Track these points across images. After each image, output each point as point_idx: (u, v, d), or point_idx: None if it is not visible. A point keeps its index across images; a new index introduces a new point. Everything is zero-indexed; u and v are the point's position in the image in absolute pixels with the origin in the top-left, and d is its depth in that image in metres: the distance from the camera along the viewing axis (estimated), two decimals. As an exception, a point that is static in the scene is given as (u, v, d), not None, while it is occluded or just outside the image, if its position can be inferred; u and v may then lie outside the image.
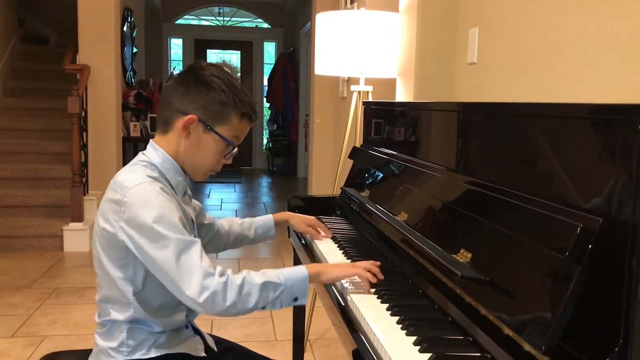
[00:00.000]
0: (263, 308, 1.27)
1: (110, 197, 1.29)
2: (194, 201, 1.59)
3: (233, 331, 2.95)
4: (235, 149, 1.40)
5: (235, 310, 1.23)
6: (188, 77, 1.34)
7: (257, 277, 1.26)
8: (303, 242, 1.87)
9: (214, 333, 1.62)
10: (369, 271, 1.36)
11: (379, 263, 1.40)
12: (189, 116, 1.32)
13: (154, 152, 1.36)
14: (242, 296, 1.23)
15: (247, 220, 1.76)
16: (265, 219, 1.76)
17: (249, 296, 1.23)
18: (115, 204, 1.26)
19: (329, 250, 1.71)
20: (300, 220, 1.81)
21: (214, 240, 1.69)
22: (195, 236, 1.43)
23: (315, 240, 1.80)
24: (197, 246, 1.24)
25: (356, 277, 1.36)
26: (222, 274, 1.23)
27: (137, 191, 1.25)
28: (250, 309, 1.25)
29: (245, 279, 1.24)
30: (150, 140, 1.39)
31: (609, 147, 0.90)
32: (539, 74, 1.77)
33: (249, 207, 6.52)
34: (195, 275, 1.20)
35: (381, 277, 1.37)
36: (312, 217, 1.84)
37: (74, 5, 4.71)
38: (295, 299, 1.30)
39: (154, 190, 1.26)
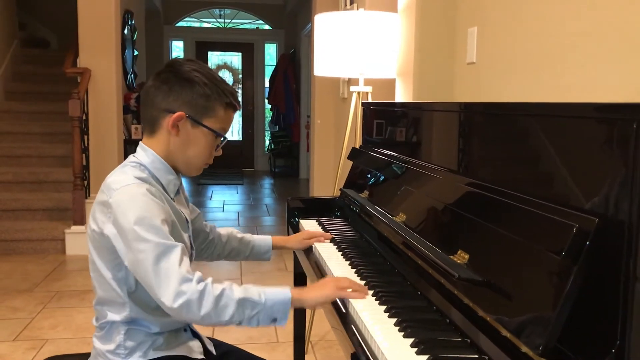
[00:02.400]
0: (239, 324, 1.23)
1: (99, 198, 1.30)
2: (192, 206, 1.58)
3: (235, 334, 2.94)
4: (225, 140, 1.40)
5: (209, 321, 1.20)
6: (169, 75, 1.34)
7: (237, 291, 1.23)
8: (303, 244, 1.86)
9: (215, 336, 1.62)
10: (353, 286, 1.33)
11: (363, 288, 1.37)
12: (177, 113, 1.32)
13: (143, 153, 1.37)
14: (218, 308, 1.20)
15: (247, 236, 1.74)
16: (264, 240, 1.74)
17: (225, 309, 1.20)
18: (103, 205, 1.28)
19: (328, 252, 1.71)
20: (296, 241, 1.80)
21: (207, 248, 1.68)
22: (189, 236, 1.44)
23: (314, 242, 1.80)
24: (177, 251, 1.22)
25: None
26: (199, 281, 1.20)
27: (123, 193, 1.25)
28: (225, 322, 1.22)
29: (224, 292, 1.21)
30: (140, 142, 1.40)
31: (606, 146, 0.89)
32: (538, 73, 1.76)
33: (251, 208, 6.52)
34: (172, 281, 1.18)
35: (365, 292, 1.34)
36: (306, 231, 1.85)
37: (75, 9, 4.71)
38: (274, 320, 1.26)
39: (139, 192, 1.26)
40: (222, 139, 1.39)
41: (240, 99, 1.43)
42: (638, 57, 1.33)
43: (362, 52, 2.52)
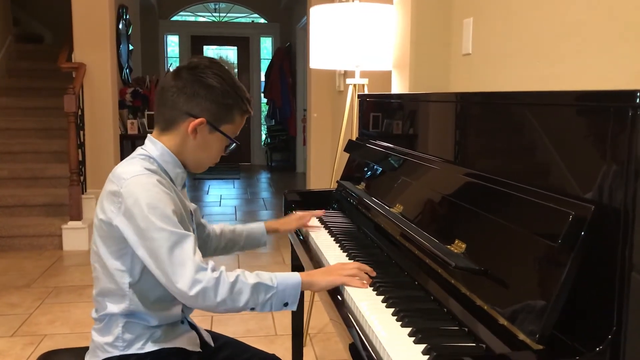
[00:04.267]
0: (252, 309, 1.28)
1: (108, 188, 1.30)
2: (190, 203, 1.58)
3: (233, 327, 2.95)
4: (237, 144, 1.43)
5: (224, 307, 1.24)
6: (193, 79, 1.34)
7: (251, 277, 1.27)
8: (301, 237, 1.86)
9: (213, 329, 1.63)
10: (359, 272, 1.36)
11: (368, 268, 1.39)
12: (199, 119, 1.34)
13: (152, 146, 1.38)
14: (234, 294, 1.24)
15: (239, 226, 1.75)
16: (257, 227, 1.75)
17: (240, 295, 1.24)
18: (113, 195, 1.28)
19: (326, 244, 1.71)
20: (287, 223, 1.81)
21: (204, 244, 1.69)
22: (193, 229, 1.45)
23: (311, 234, 1.80)
24: (191, 240, 1.25)
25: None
26: (214, 269, 1.24)
27: (134, 183, 1.26)
28: (240, 308, 1.26)
29: (239, 278, 1.25)
30: (149, 135, 1.41)
31: (600, 134, 0.89)
32: (533, 63, 1.76)
33: (249, 202, 6.51)
34: (188, 269, 1.21)
35: (374, 274, 1.36)
36: (296, 213, 1.85)
37: (69, 4, 4.69)
38: (286, 304, 1.31)
39: (150, 182, 1.27)
40: (234, 143, 1.42)
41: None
42: (632, 44, 1.33)
43: (358, 44, 2.52)
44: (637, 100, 0.81)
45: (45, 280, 3.72)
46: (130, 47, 6.58)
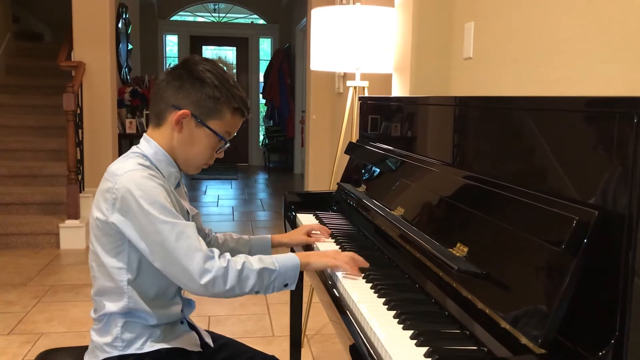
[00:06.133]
0: (257, 292, 1.32)
1: (103, 186, 1.31)
2: (191, 207, 1.57)
3: (230, 327, 2.95)
4: (227, 144, 1.42)
5: (232, 293, 1.28)
6: (182, 71, 1.36)
7: (255, 263, 1.30)
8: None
9: (211, 329, 1.62)
10: (351, 261, 1.42)
11: (361, 259, 1.45)
12: (182, 111, 1.34)
13: (146, 144, 1.38)
14: (241, 281, 1.27)
15: (244, 237, 1.73)
16: (262, 240, 1.71)
17: (247, 280, 1.28)
18: (107, 192, 1.28)
19: (325, 247, 1.71)
20: (296, 237, 1.75)
21: None
22: None
23: (315, 242, 1.79)
24: (193, 229, 1.27)
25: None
26: (221, 257, 1.27)
27: (128, 178, 1.27)
28: (246, 293, 1.30)
29: (245, 265, 1.28)
30: (144, 133, 1.41)
31: (605, 139, 0.90)
32: (534, 68, 1.77)
33: (246, 203, 6.51)
34: (196, 258, 1.23)
35: (366, 264, 1.43)
36: (304, 225, 1.80)
37: (69, 2, 4.69)
38: (286, 285, 1.36)
39: (144, 176, 1.28)
40: (225, 142, 1.41)
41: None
42: (633, 49, 1.34)
43: (358, 46, 2.52)
44: (642, 107, 0.82)
45: (43, 279, 3.71)
46: (130, 47, 6.57)
